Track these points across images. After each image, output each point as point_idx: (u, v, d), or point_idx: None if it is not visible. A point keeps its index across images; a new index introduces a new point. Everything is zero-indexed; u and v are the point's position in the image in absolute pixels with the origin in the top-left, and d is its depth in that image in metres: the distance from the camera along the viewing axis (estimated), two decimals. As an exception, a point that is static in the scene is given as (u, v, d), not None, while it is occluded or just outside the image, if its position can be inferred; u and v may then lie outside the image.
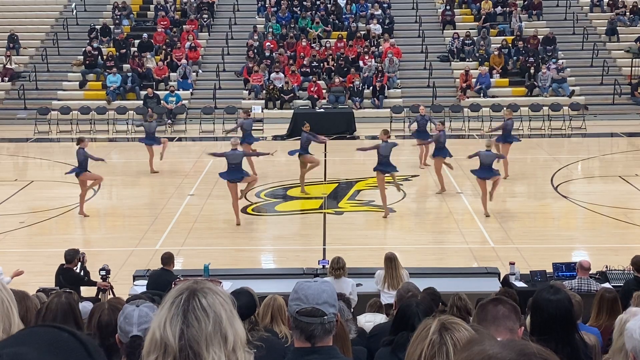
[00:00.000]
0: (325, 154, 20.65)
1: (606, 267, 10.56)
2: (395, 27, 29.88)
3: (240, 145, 16.75)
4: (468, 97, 26.20)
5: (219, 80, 27.08)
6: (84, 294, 10.00)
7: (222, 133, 22.41)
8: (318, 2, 30.85)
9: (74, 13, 30.29)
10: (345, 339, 4.85)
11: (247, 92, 26.90)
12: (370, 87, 26.55)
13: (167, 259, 10.24)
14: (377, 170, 15.49)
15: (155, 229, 14.86)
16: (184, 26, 29.91)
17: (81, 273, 10.45)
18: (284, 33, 29.38)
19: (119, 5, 30.48)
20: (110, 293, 10.11)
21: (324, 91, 26.64)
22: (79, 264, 10.45)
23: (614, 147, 23.72)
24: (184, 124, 25.19)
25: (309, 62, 27.59)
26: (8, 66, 27.77)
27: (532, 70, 26.99)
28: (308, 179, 17.54)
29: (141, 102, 25.86)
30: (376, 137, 16.53)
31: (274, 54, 28.05)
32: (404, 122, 24.50)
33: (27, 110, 26.03)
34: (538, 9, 30.54)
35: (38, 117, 24.97)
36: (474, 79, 26.80)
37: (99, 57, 27.94)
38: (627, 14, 30.11)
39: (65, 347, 1.45)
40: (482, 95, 26.38)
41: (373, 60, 27.57)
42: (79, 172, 15.80)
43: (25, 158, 22.62)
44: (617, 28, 29.23)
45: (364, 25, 29.84)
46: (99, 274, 10.29)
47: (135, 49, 28.27)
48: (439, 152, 17.19)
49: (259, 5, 31.07)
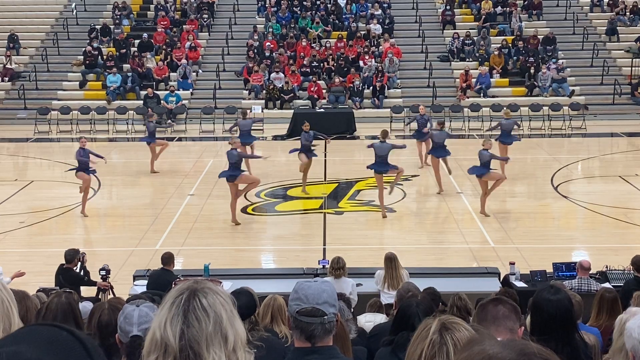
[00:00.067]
0: (325, 154, 20.65)
1: (606, 267, 10.56)
2: (395, 27, 29.87)
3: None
4: (468, 97, 26.19)
5: (219, 80, 27.07)
6: (84, 294, 10.00)
7: (223, 133, 22.39)
8: (318, 2, 30.83)
9: (74, 13, 30.28)
10: (346, 339, 4.84)
11: (247, 92, 26.88)
12: (370, 87, 26.55)
13: (167, 259, 10.24)
14: (372, 169, 15.51)
15: (156, 229, 14.86)
16: (184, 26, 29.90)
17: (81, 273, 10.45)
18: (284, 33, 29.37)
19: (119, 5, 30.46)
20: (110, 293, 10.11)
21: (324, 91, 26.63)
22: (79, 264, 10.45)
23: (614, 147, 23.71)
24: (184, 124, 25.19)
25: (309, 62, 27.57)
26: (8, 66, 27.76)
27: (532, 70, 26.98)
28: (308, 179, 17.53)
29: (141, 102, 25.85)
30: (376, 137, 16.48)
31: (274, 54, 28.04)
32: (403, 122, 24.49)
33: (27, 110, 26.02)
34: (538, 9, 30.53)
35: (38, 117, 24.96)
36: (474, 79, 26.79)
37: (99, 57, 27.94)
38: (627, 14, 30.10)
39: (64, 346, 1.45)
40: (482, 95, 26.37)
41: (373, 60, 27.57)
42: (78, 170, 15.83)
43: (25, 158, 22.61)
44: (617, 28, 29.21)
45: (364, 25, 29.82)
46: (99, 274, 10.29)
47: (135, 49, 28.27)
48: (435, 151, 17.20)
49: (259, 5, 31.06)
